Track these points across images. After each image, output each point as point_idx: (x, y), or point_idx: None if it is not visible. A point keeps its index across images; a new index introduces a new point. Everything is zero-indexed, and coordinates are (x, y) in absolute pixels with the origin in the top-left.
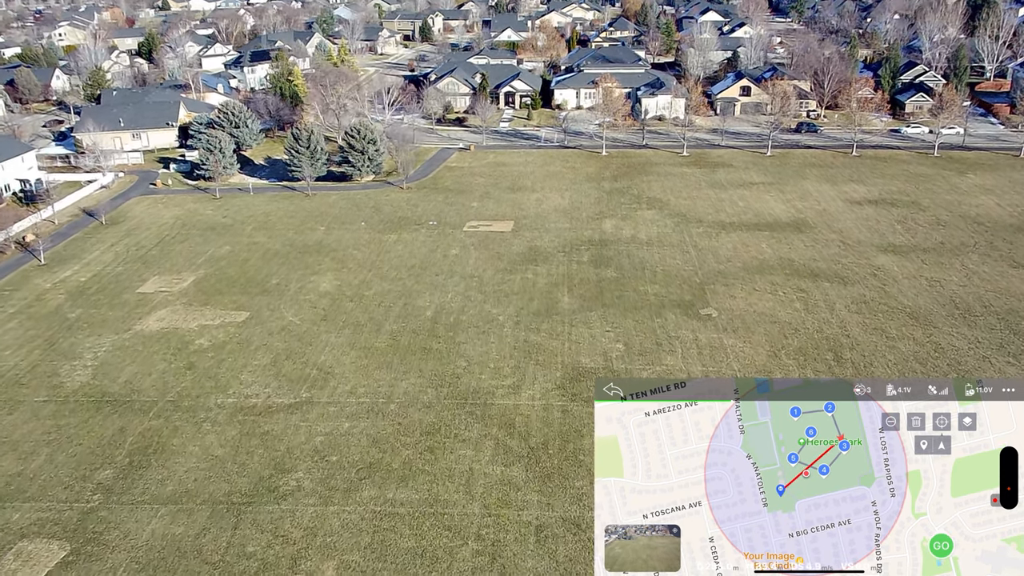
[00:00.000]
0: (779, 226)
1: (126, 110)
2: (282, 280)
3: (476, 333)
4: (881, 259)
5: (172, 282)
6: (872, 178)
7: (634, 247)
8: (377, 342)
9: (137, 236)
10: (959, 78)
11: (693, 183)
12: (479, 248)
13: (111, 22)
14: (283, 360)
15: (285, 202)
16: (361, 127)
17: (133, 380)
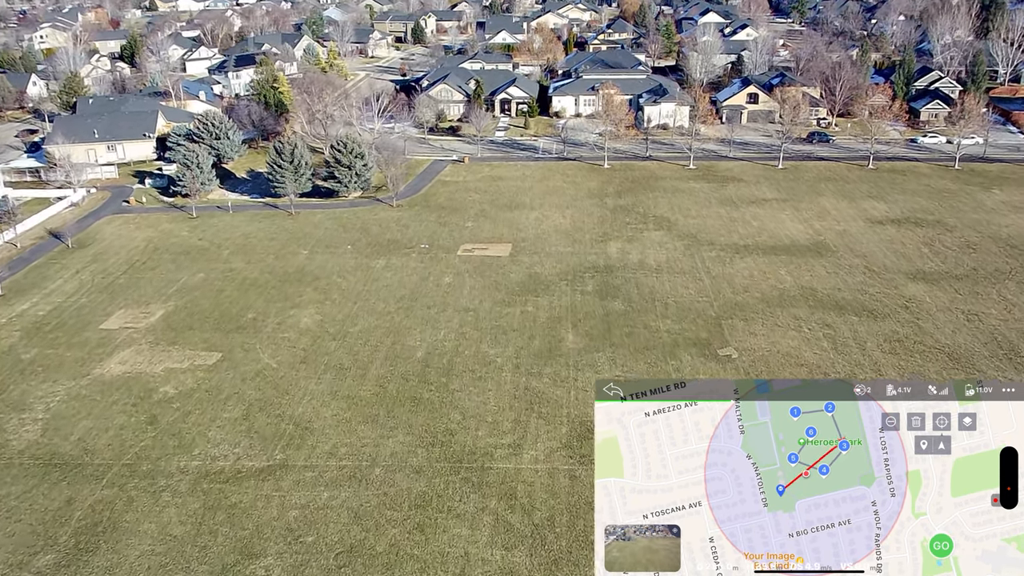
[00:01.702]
0: (797, 249)
1: (101, 120)
2: (259, 314)
3: (472, 379)
4: (911, 288)
5: (139, 316)
6: (892, 194)
7: (642, 274)
8: (362, 390)
9: (105, 261)
10: (977, 84)
11: (702, 199)
12: (474, 275)
13: (95, 23)
14: (256, 412)
15: (266, 222)
16: (348, 140)
17: (87, 438)
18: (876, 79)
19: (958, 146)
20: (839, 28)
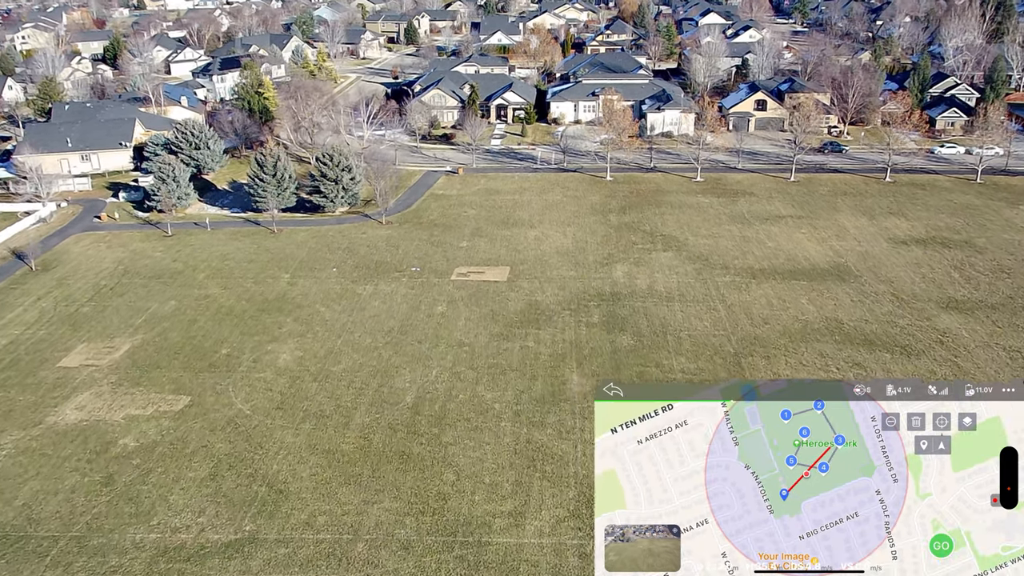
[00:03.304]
0: (818, 274)
1: (75, 128)
2: (234, 349)
3: (467, 429)
4: (944, 320)
5: (102, 351)
6: (913, 210)
7: (652, 303)
8: (344, 442)
9: (70, 286)
10: (996, 92)
11: (712, 216)
12: (470, 304)
13: (80, 23)
14: (225, 471)
15: (246, 240)
16: (335, 152)
17: (33, 503)
18: (889, 85)
19: (980, 159)
20: (842, 30)
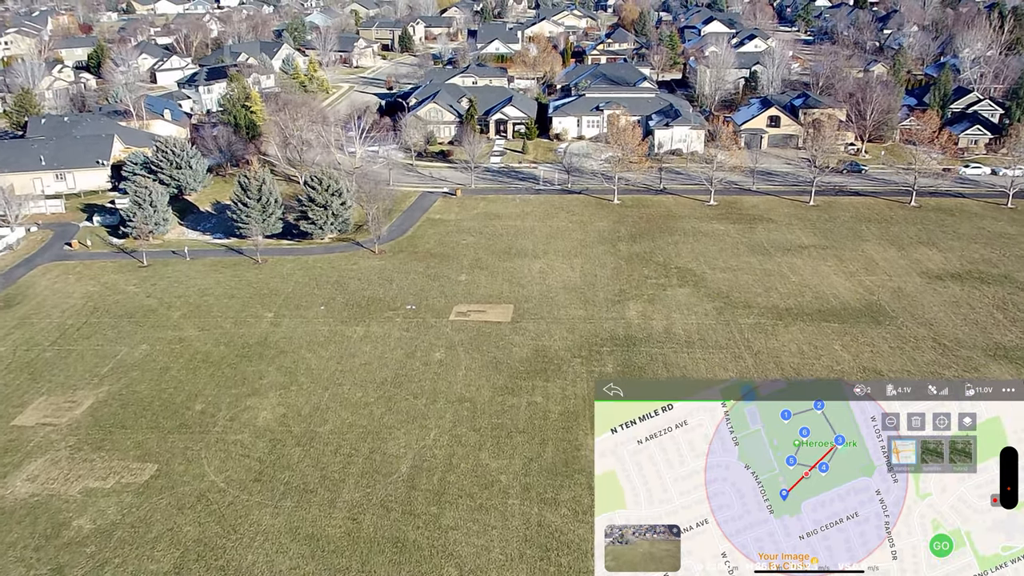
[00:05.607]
0: (849, 314)
1: (49, 145)
2: (209, 404)
3: (470, 508)
4: (993, 370)
5: (62, 407)
6: (944, 239)
7: (670, 349)
8: (330, 525)
9: (32, 327)
10: (1022, 107)
11: (730, 246)
12: (470, 350)
13: (65, 28)
14: (192, 562)
15: (228, 272)
16: (324, 175)
17: None
18: (907, 100)
19: (1011, 182)
20: (851, 39)
